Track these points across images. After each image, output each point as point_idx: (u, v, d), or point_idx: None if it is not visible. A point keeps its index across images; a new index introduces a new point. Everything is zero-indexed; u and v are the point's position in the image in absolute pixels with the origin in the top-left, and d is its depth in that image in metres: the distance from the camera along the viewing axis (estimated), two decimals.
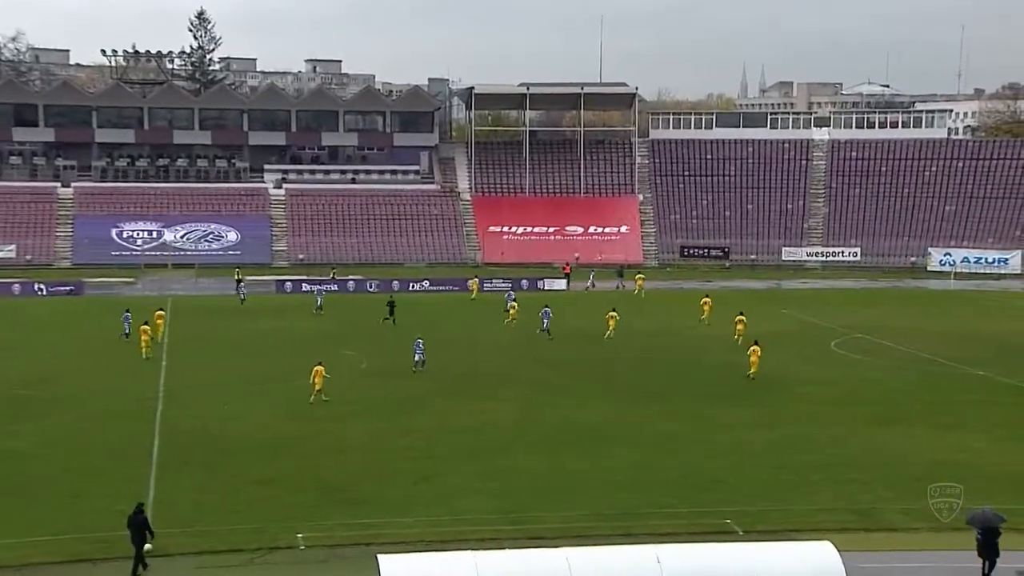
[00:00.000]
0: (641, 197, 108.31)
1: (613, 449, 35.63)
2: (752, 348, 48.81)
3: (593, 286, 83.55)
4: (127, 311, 58.26)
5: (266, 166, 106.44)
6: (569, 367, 50.69)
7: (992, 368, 50.31)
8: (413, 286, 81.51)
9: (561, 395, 44.27)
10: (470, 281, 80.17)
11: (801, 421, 39.82)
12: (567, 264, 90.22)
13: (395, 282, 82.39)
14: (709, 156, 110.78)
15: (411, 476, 32.53)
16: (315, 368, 42.90)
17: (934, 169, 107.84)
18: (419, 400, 43.15)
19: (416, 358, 49.12)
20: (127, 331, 56.20)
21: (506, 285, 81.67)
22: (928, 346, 56.66)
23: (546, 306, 61.54)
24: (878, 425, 39.28)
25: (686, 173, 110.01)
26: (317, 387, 42.56)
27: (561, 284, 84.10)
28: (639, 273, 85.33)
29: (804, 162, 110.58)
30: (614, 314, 59.81)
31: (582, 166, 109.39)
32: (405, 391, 44.93)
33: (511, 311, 64.36)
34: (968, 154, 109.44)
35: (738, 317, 58.73)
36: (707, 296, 67.62)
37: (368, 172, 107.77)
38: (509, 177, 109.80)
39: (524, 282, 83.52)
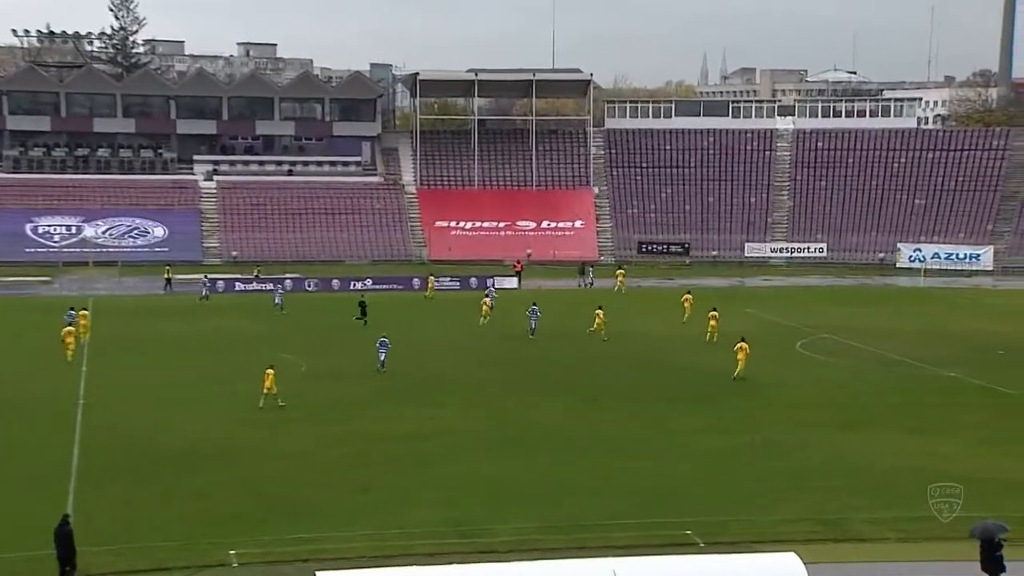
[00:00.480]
0: (597, 190, 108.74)
1: (569, 456, 35.77)
2: (739, 345, 49.29)
3: (591, 284, 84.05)
4: (71, 309, 57.54)
5: (195, 157, 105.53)
6: (527, 368, 50.84)
7: (963, 369, 51.11)
8: (355, 284, 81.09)
9: (516, 398, 44.42)
10: (429, 278, 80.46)
11: (765, 426, 40.20)
12: (518, 261, 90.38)
13: (335, 280, 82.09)
14: (668, 147, 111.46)
15: (354, 485, 32.42)
16: (267, 371, 42.73)
17: (903, 160, 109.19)
18: (365, 405, 43.08)
19: (381, 357, 49.67)
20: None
21: (455, 284, 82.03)
22: (897, 346, 57.41)
23: (533, 304, 62.26)
24: (844, 429, 39.76)
25: (644, 164, 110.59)
26: (269, 391, 42.35)
27: (512, 282, 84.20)
28: (619, 268, 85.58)
29: (768, 153, 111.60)
30: (600, 312, 60.26)
31: (534, 157, 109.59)
32: (350, 395, 44.82)
33: (484, 307, 65.11)
34: (939, 144, 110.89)
35: (711, 313, 59.36)
36: (688, 293, 68.50)
37: (306, 163, 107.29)
38: (457, 169, 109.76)
39: (473, 280, 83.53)
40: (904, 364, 52.90)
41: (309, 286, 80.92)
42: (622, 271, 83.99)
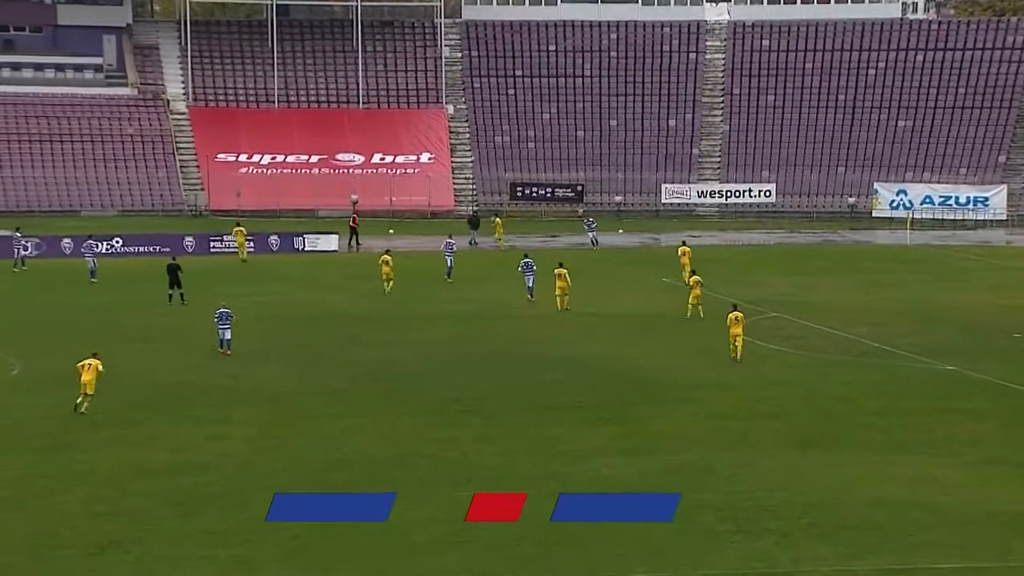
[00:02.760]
0: (451, 109, 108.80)
1: (406, 492, 35.47)
2: (733, 315, 51.41)
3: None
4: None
5: None
6: (346, 370, 50.57)
7: (964, 360, 52.00)
8: (97, 246, 79.73)
9: (326, 412, 44.14)
10: (237, 230, 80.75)
11: (689, 443, 40.37)
12: (355, 215, 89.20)
13: (65, 240, 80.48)
14: (552, 47, 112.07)
15: (90, 544, 31.76)
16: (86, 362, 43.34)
17: (882, 65, 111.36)
18: (103, 423, 42.35)
19: (223, 336, 52.33)
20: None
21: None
22: (874, 330, 58.28)
23: (526, 256, 65.48)
24: (801, 447, 40.10)
25: (519, 72, 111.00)
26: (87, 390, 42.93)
27: (332, 243, 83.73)
28: (496, 216, 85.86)
29: (693, 56, 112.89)
30: (563, 271, 62.00)
31: (360, 61, 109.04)
32: (91, 408, 43.90)
33: (385, 268, 67.72)
34: (932, 42, 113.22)
35: (693, 278, 61.25)
36: (685, 246, 71.73)
37: (17, 67, 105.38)
38: (247, 78, 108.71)
39: (273, 239, 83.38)
40: (883, 354, 53.70)
41: (26, 248, 79.08)
42: (499, 219, 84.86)
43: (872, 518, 33.19)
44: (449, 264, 71.97)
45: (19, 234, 77.45)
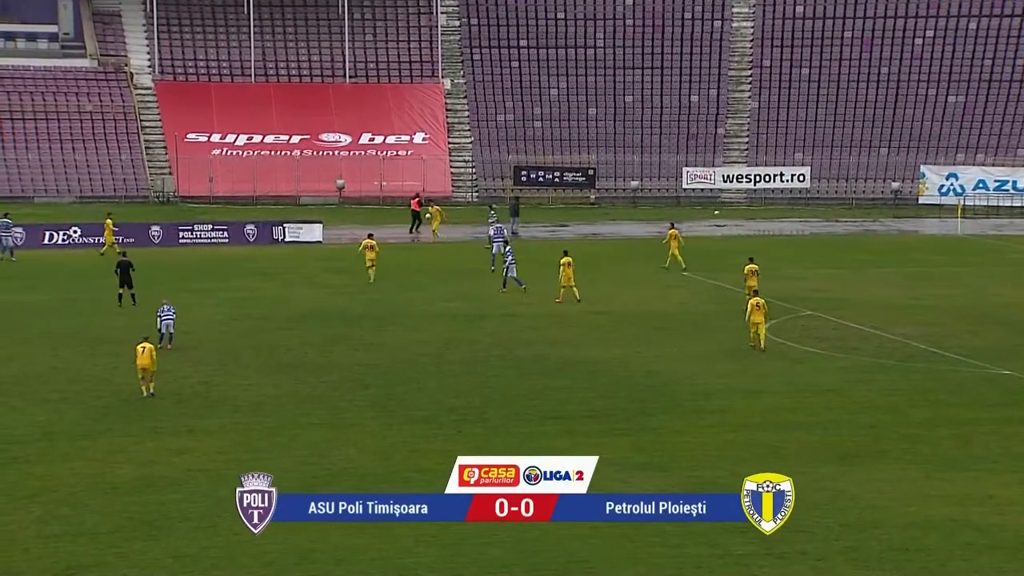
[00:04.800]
0: (449, 84, 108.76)
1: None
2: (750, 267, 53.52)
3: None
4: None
5: None
6: (330, 375, 50.54)
7: (1023, 364, 52.10)
8: (51, 236, 79.82)
9: (308, 421, 44.13)
10: (107, 223, 79.53)
11: (714, 457, 40.23)
12: (418, 197, 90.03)
13: (17, 231, 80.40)
14: (561, 15, 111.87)
15: (46, 569, 31.76)
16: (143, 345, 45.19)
17: (930, 34, 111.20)
18: (60, 435, 42.30)
19: (164, 331, 52.96)
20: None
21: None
22: (920, 330, 58.12)
23: (506, 242, 67.47)
24: (839, 462, 40.02)
25: (523, 44, 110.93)
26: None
27: (315, 233, 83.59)
28: (431, 203, 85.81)
29: (718, 24, 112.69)
30: (568, 259, 62.68)
31: (347, 31, 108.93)
32: (31, 419, 43.97)
33: (370, 255, 68.58)
34: (986, 8, 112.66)
35: (749, 267, 61.30)
36: (673, 227, 71.92)
37: None
38: (220, 49, 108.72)
39: (250, 228, 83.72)
40: (931, 357, 53.56)
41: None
42: (436, 207, 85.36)
43: (918, 541, 33.10)
44: (496, 251, 70.95)
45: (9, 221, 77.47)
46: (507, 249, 66.96)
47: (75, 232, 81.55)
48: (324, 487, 37.50)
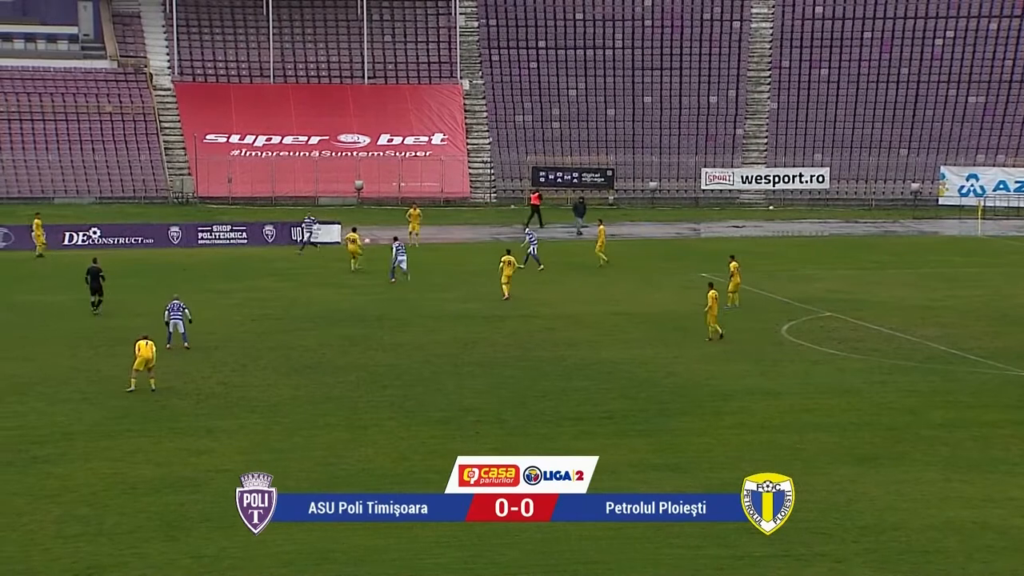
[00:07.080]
0: (467, 85, 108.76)
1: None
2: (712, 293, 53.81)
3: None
4: None
5: None
6: (348, 375, 50.61)
7: None
8: (71, 237, 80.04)
9: (326, 422, 44.17)
10: (35, 223, 78.78)
11: (732, 459, 40.18)
12: (538, 192, 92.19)
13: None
14: (579, 16, 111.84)
15: (66, 569, 31.81)
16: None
17: (950, 34, 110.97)
18: (79, 435, 42.39)
19: (173, 329, 53.41)
20: None
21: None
22: (940, 331, 58.11)
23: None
24: (858, 463, 39.97)
25: (541, 45, 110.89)
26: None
27: (334, 233, 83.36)
28: (412, 207, 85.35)
29: (737, 24, 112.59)
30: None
31: (366, 32, 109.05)
32: (51, 419, 44.07)
33: (353, 247, 71.61)
34: (1007, 8, 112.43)
35: (732, 264, 62.24)
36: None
37: None
38: (239, 50, 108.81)
39: (268, 229, 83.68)
40: (951, 359, 53.49)
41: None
42: (416, 210, 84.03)
43: (938, 543, 33.06)
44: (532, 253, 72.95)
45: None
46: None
47: (95, 233, 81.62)
48: (343, 487, 37.53)
